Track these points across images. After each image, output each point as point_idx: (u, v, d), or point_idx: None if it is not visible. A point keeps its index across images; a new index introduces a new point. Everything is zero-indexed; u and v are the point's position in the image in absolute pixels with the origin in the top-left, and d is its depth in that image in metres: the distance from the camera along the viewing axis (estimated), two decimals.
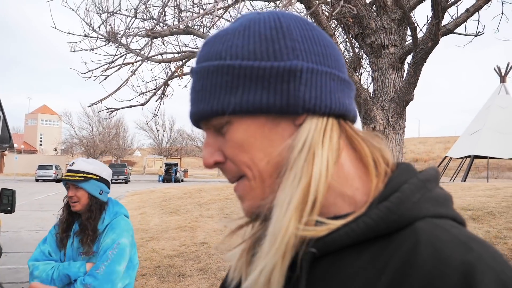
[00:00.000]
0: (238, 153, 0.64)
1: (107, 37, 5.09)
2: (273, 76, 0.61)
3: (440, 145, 54.44)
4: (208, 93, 0.64)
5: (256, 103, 0.62)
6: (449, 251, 0.49)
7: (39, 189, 26.08)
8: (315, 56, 0.64)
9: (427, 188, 0.58)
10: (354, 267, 0.56)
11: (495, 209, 8.89)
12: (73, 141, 62.04)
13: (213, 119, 0.65)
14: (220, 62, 0.63)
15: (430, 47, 3.28)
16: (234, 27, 0.66)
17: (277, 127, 0.63)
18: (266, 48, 0.62)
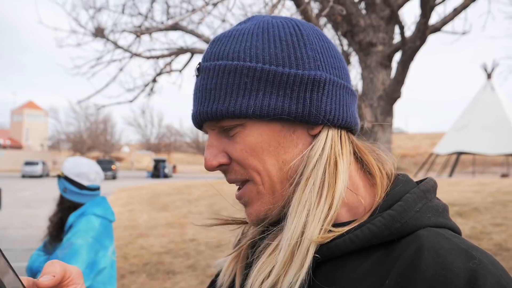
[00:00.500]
0: (248, 157, 0.63)
1: (94, 33, 5.03)
2: (296, 84, 0.62)
3: (427, 141, 55.06)
4: (224, 92, 0.62)
5: (278, 109, 0.61)
6: (452, 258, 0.50)
7: (26, 186, 25.76)
8: (333, 69, 0.65)
9: (428, 199, 0.61)
10: (357, 273, 0.56)
11: (480, 205, 9.02)
12: (60, 137, 61.36)
13: (225, 120, 0.63)
14: (239, 63, 0.62)
15: (418, 45, 3.30)
16: (249, 28, 0.65)
17: (292, 135, 0.64)
18: (288, 54, 0.62)
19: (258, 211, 0.66)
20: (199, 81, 0.66)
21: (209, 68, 0.64)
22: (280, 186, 0.64)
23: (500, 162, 35.34)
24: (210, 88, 0.64)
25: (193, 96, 0.68)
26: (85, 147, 56.37)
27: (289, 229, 0.60)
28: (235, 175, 0.66)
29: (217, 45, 0.66)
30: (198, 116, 0.65)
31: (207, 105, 0.64)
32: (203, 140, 56.96)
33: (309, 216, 0.59)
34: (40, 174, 37.08)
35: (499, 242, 6.56)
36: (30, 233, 9.83)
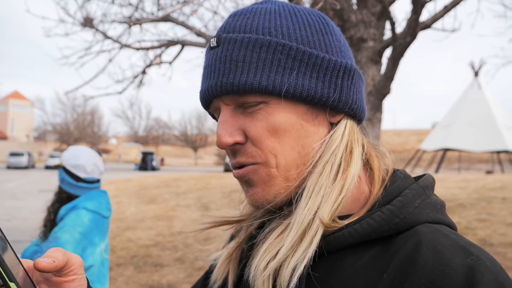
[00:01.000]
0: (268, 136, 0.61)
1: (83, 23, 4.96)
2: (329, 68, 0.61)
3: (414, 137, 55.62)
4: (255, 66, 0.59)
5: (311, 90, 0.60)
6: (450, 254, 0.51)
7: (11, 177, 25.40)
8: (352, 61, 0.66)
9: (426, 195, 0.61)
10: (355, 267, 0.56)
11: (466, 201, 9.17)
12: (46, 128, 60.54)
13: (250, 95, 0.60)
14: (272, 39, 0.60)
15: (408, 42, 3.33)
16: (274, 8, 0.64)
17: (314, 120, 0.63)
18: (318, 39, 0.62)
19: (266, 194, 0.63)
20: (219, 52, 0.62)
21: (236, 39, 0.61)
22: (296, 170, 0.62)
23: (485, 159, 35.89)
24: (237, 60, 0.60)
25: (209, 69, 0.63)
26: (72, 138, 55.72)
27: (302, 210, 0.58)
28: (246, 157, 0.62)
29: (242, 18, 0.63)
30: (219, 88, 0.61)
31: (233, 77, 0.60)
32: (192, 134, 56.74)
33: (323, 198, 0.59)
34: (25, 166, 36.62)
35: (483, 238, 6.69)
36: (15, 225, 9.72)
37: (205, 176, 18.16)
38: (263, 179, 0.62)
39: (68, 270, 0.58)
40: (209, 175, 19.05)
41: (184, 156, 70.52)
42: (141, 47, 5.16)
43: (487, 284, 0.48)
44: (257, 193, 0.63)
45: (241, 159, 0.63)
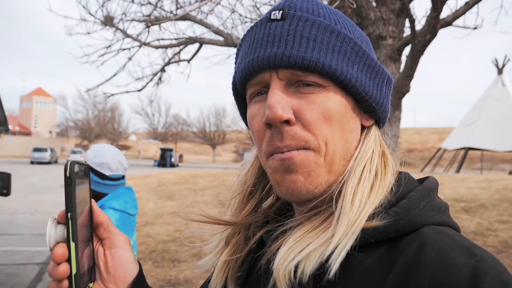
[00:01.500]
0: (322, 122, 0.59)
1: (104, 22, 5.04)
2: (379, 73, 0.65)
3: (435, 136, 54.67)
4: (325, 47, 0.60)
5: (366, 87, 0.63)
6: (454, 254, 0.52)
7: (34, 172, 26.03)
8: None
9: (431, 197, 0.62)
10: (361, 268, 0.57)
11: (487, 201, 8.98)
12: (68, 124, 61.76)
13: (313, 73, 0.59)
14: (341, 29, 0.62)
15: (428, 40, 3.28)
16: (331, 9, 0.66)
17: (355, 118, 0.65)
18: (366, 45, 0.65)
19: (308, 183, 0.60)
20: (286, 25, 0.60)
21: (306, 18, 0.60)
22: (338, 163, 0.62)
23: (509, 159, 35.05)
24: (308, 37, 0.59)
25: (269, 37, 0.60)
26: (93, 135, 56.73)
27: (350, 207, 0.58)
28: (297, 140, 0.58)
29: (306, 3, 0.63)
30: (285, 58, 0.58)
31: (304, 51, 0.58)
32: (210, 130, 57.04)
33: (362, 203, 0.59)
34: (48, 161, 37.44)
35: (505, 239, 6.54)
36: (38, 219, 9.96)
37: (223, 173, 18.25)
38: (310, 167, 0.59)
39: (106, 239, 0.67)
40: (227, 172, 19.14)
41: (202, 153, 70.96)
42: (160, 46, 5.22)
43: (491, 282, 0.48)
44: (298, 181, 0.60)
45: (291, 142, 0.59)
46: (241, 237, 0.74)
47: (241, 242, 0.74)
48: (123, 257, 0.65)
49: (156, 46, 5.17)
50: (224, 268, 0.73)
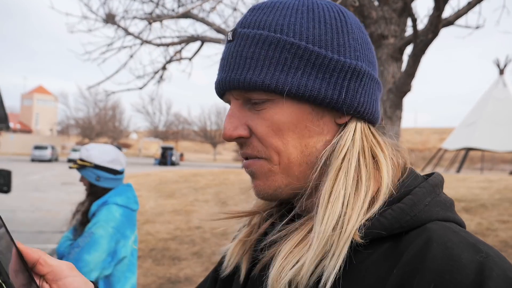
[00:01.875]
0: (272, 135, 0.62)
1: (105, 19, 5.04)
2: (336, 70, 0.61)
3: (435, 136, 54.66)
4: (261, 63, 0.60)
5: (314, 91, 0.61)
6: (459, 250, 0.51)
7: (35, 170, 26.06)
8: (369, 61, 0.65)
9: (436, 193, 0.61)
10: (365, 264, 0.57)
11: (487, 201, 8.97)
12: (69, 122, 61.80)
13: (256, 92, 0.62)
14: (282, 37, 0.60)
15: (430, 39, 3.27)
16: (294, 3, 0.64)
17: (319, 120, 0.63)
18: (331, 38, 0.62)
19: (267, 187, 0.65)
20: (233, 47, 0.64)
21: (248, 35, 0.62)
22: (298, 168, 0.63)
23: (509, 159, 35.03)
24: (246, 56, 0.61)
25: (223, 62, 0.65)
26: (94, 133, 56.75)
27: (321, 221, 0.59)
28: (252, 150, 0.65)
29: (259, 13, 0.64)
30: (227, 83, 0.63)
31: (241, 73, 0.61)
32: (211, 129, 57.08)
33: (346, 209, 0.58)
34: (49, 159, 37.47)
35: (505, 239, 6.54)
36: (39, 216, 9.98)
37: (224, 172, 18.26)
38: (265, 174, 0.65)
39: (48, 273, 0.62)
40: (228, 171, 19.15)
41: (203, 152, 70.99)
42: (162, 43, 5.22)
43: (496, 278, 0.48)
44: (258, 186, 0.66)
45: (247, 151, 0.65)
46: (257, 220, 0.76)
47: (257, 225, 0.76)
48: (73, 284, 0.62)
49: (157, 44, 5.17)
50: (239, 247, 0.74)
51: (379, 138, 0.67)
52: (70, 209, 2.46)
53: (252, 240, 0.74)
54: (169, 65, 5.70)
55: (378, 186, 0.62)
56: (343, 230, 0.57)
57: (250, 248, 0.74)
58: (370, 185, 0.61)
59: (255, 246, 0.73)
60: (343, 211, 0.58)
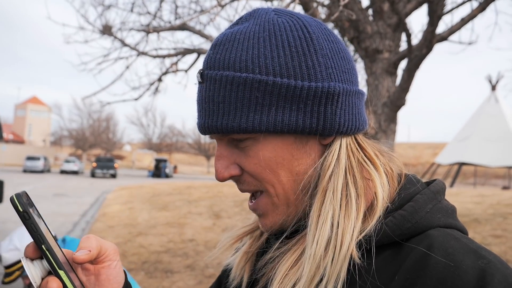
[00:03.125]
0: (262, 171, 0.63)
1: (102, 30, 5.06)
2: (310, 97, 0.59)
3: (429, 151, 54.96)
4: (234, 107, 0.60)
5: (292, 124, 0.60)
6: (461, 256, 0.52)
7: (27, 181, 25.80)
8: (344, 74, 0.63)
9: (437, 200, 0.61)
10: (368, 274, 0.57)
11: (481, 216, 9.00)
12: (62, 133, 61.43)
13: (234, 134, 0.62)
14: (249, 76, 0.59)
15: (424, 54, 3.32)
16: (254, 30, 0.61)
17: (304, 146, 0.63)
18: (299, 63, 0.59)
19: (274, 222, 0.66)
20: (204, 91, 0.63)
21: (215, 78, 0.61)
22: (294, 197, 0.64)
23: (502, 175, 35.25)
24: (218, 101, 0.61)
25: (198, 106, 0.65)
26: (87, 144, 56.43)
27: (310, 244, 0.58)
28: (248, 186, 0.66)
29: (221, 50, 0.62)
30: (207, 129, 0.63)
31: (216, 119, 0.61)
32: (205, 142, 57.00)
33: (336, 229, 0.58)
34: (41, 170, 37.13)
35: (499, 254, 6.54)
36: None
37: (217, 185, 18.18)
38: (270, 209, 0.65)
39: (103, 257, 0.62)
40: (221, 184, 19.05)
41: (197, 164, 70.76)
42: (158, 55, 5.24)
43: (497, 285, 0.48)
44: (266, 224, 0.67)
45: (243, 187, 0.67)
46: (259, 232, 0.77)
47: (258, 236, 0.76)
48: (115, 268, 0.64)
49: (154, 56, 5.19)
50: (243, 258, 0.75)
51: (369, 150, 0.66)
52: (61, 221, 2.43)
53: (253, 252, 0.74)
54: (165, 77, 5.71)
55: (372, 200, 0.61)
56: (337, 251, 0.57)
57: (251, 261, 0.74)
58: (361, 202, 0.60)
59: (256, 259, 0.74)
60: (333, 232, 0.58)
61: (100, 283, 0.63)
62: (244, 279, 0.73)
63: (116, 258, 0.64)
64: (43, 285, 0.55)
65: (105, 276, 0.63)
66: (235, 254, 0.79)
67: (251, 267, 0.73)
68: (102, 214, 11.79)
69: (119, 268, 0.65)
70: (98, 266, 0.62)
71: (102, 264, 0.62)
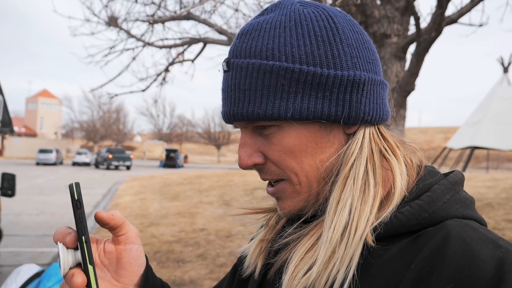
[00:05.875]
0: (286, 158, 0.63)
1: (107, 22, 5.05)
2: (335, 85, 0.60)
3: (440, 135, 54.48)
4: (260, 94, 0.60)
5: (317, 111, 0.60)
6: (479, 246, 0.51)
7: (40, 173, 26.17)
8: (369, 64, 0.64)
9: (456, 190, 0.61)
10: (383, 259, 0.57)
11: (493, 201, 8.92)
12: (73, 126, 62.06)
13: (260, 121, 0.62)
14: (275, 63, 0.60)
15: (433, 37, 3.25)
16: (280, 20, 0.62)
17: (328, 135, 0.63)
18: (325, 52, 0.60)
19: (293, 207, 0.66)
20: (230, 79, 0.64)
21: (241, 66, 0.62)
22: (317, 184, 0.64)
23: None
24: (244, 89, 0.61)
25: (224, 94, 0.66)
26: (98, 136, 56.95)
27: (328, 228, 0.59)
28: (271, 175, 0.66)
29: (247, 39, 0.63)
30: (232, 116, 0.64)
31: (242, 106, 0.62)
32: (215, 131, 57.17)
33: (353, 216, 0.59)
34: (54, 162, 37.63)
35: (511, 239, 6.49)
36: (43, 220, 10.00)
37: (228, 174, 18.27)
38: (290, 195, 0.66)
39: (124, 235, 0.65)
40: (232, 173, 19.16)
41: (207, 154, 71.08)
42: (164, 45, 5.22)
43: None
44: (284, 207, 0.67)
45: (266, 176, 0.67)
46: (274, 221, 0.77)
47: (273, 226, 0.77)
48: (136, 252, 0.66)
49: (160, 46, 5.17)
50: (258, 247, 0.76)
51: (391, 140, 0.66)
52: None
53: (268, 240, 0.75)
54: (171, 67, 5.69)
55: (389, 189, 0.62)
56: (351, 236, 0.57)
57: (265, 249, 0.75)
58: (378, 191, 0.61)
59: (270, 246, 0.74)
60: (350, 217, 0.59)
61: (122, 265, 0.66)
62: (258, 265, 0.74)
63: (137, 242, 0.67)
64: (69, 275, 0.59)
65: (126, 259, 0.66)
66: (250, 242, 0.80)
67: (266, 255, 0.74)
68: (114, 205, 11.92)
69: (141, 252, 0.67)
70: (120, 247, 0.65)
71: (124, 246, 0.65)
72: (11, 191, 4.55)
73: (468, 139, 24.20)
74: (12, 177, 4.56)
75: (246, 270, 0.76)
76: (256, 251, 0.75)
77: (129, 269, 0.66)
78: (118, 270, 0.66)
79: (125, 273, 0.66)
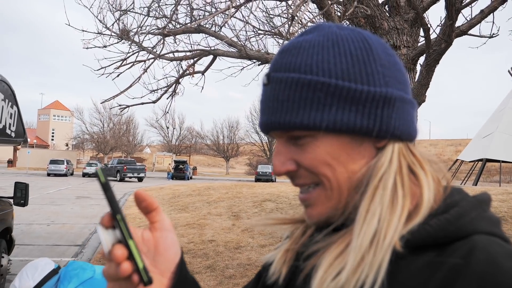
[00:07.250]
0: (319, 166, 0.66)
1: (120, 35, 5.13)
2: (368, 100, 0.64)
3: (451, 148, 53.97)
4: (297, 105, 0.64)
5: (350, 124, 0.63)
6: (503, 259, 0.53)
7: (51, 184, 26.38)
8: (400, 84, 0.68)
9: (483, 209, 0.64)
10: (410, 268, 0.59)
11: (507, 214, 8.78)
12: (84, 137, 62.65)
13: (295, 130, 0.66)
14: (313, 77, 0.64)
15: (443, 49, 3.25)
16: (318, 39, 0.67)
17: (359, 147, 0.66)
18: (359, 70, 0.64)
19: (321, 213, 0.68)
20: (269, 91, 0.68)
21: (281, 79, 0.66)
22: (347, 193, 0.66)
23: None
24: (282, 100, 0.65)
25: (263, 105, 0.70)
26: (108, 147, 57.38)
27: (357, 236, 0.61)
28: (304, 180, 0.68)
29: (288, 56, 0.67)
30: (270, 125, 0.67)
31: (279, 116, 0.65)
32: (223, 143, 57.28)
33: (382, 224, 0.61)
34: (64, 173, 37.97)
35: None
36: (54, 229, 10.06)
37: (237, 185, 18.24)
38: (321, 200, 0.68)
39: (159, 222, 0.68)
40: (240, 184, 19.12)
41: (215, 165, 71.14)
42: (175, 58, 5.29)
43: None
44: (313, 214, 0.69)
45: (299, 182, 0.69)
46: (299, 233, 0.80)
47: (299, 237, 0.79)
48: (170, 240, 0.69)
49: (170, 59, 5.24)
50: (283, 256, 0.78)
51: (419, 156, 0.69)
52: (84, 223, 2.48)
53: (294, 250, 0.77)
54: (182, 79, 5.76)
55: (416, 203, 0.64)
56: (380, 243, 0.60)
57: (291, 258, 0.77)
58: (406, 203, 0.63)
59: (296, 256, 0.76)
60: (379, 226, 0.61)
61: (159, 252, 0.68)
62: (283, 272, 0.76)
63: (172, 230, 0.70)
64: (111, 251, 0.61)
65: (163, 247, 0.68)
66: (275, 251, 0.82)
67: (289, 265, 0.76)
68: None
69: (176, 241, 0.70)
70: (157, 234, 0.67)
71: (160, 233, 0.68)
72: (23, 201, 4.60)
73: (479, 151, 23.93)
74: (25, 186, 4.61)
75: (271, 277, 0.78)
76: (281, 260, 0.77)
77: (166, 255, 0.68)
78: (156, 256, 0.68)
79: (162, 260, 0.68)
